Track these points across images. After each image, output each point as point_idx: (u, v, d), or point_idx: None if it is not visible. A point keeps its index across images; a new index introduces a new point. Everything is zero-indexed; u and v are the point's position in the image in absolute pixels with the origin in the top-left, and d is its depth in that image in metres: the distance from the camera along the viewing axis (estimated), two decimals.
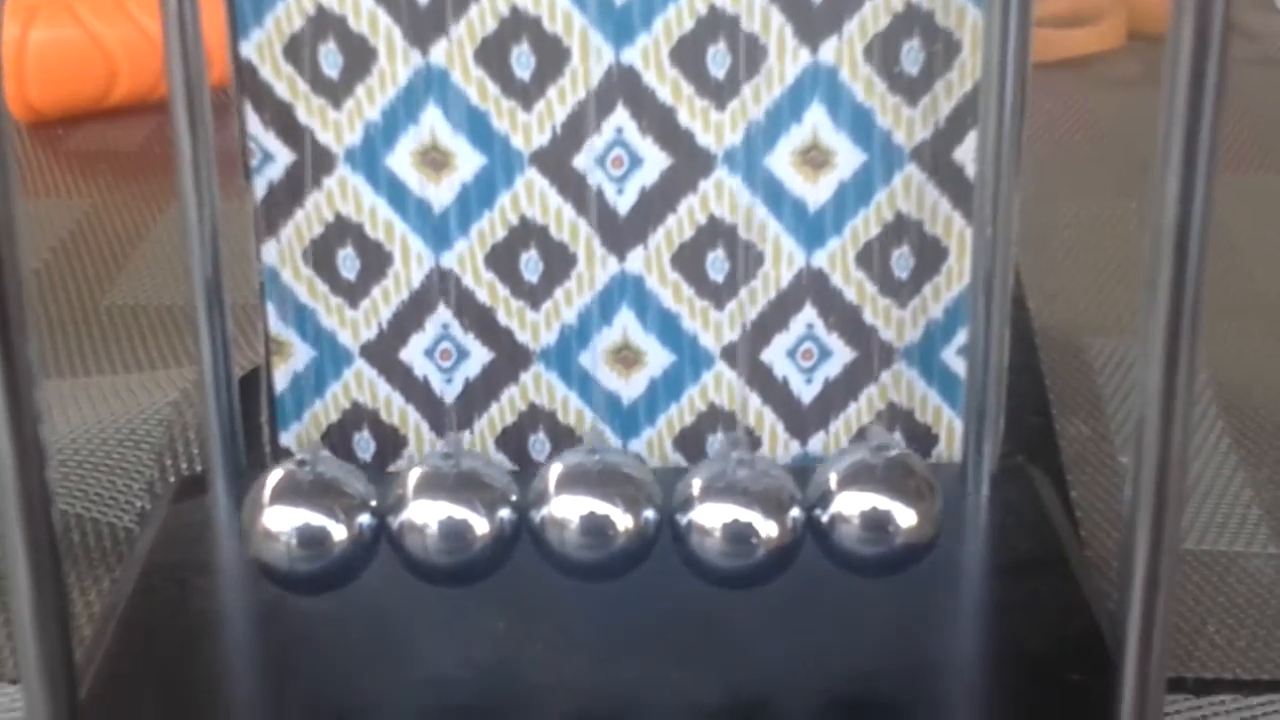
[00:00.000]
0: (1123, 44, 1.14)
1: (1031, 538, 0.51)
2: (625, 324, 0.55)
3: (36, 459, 0.37)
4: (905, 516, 0.44)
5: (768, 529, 0.44)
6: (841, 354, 0.55)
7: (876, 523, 0.44)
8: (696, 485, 0.45)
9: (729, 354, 0.55)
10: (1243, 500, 0.60)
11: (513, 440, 0.56)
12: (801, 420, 0.56)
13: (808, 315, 0.55)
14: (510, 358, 0.55)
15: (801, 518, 0.45)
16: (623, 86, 0.52)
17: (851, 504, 0.45)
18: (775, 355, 0.55)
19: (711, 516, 0.44)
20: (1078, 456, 0.63)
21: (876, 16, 0.52)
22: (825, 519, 0.45)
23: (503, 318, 0.55)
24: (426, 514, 0.45)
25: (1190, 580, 0.55)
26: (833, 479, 0.45)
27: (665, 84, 0.52)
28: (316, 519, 0.44)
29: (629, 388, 0.56)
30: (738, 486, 0.44)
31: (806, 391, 0.55)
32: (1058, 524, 0.52)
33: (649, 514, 0.45)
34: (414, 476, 0.45)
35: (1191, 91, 0.34)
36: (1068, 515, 0.55)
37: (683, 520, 0.45)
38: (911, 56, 0.52)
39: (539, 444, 0.56)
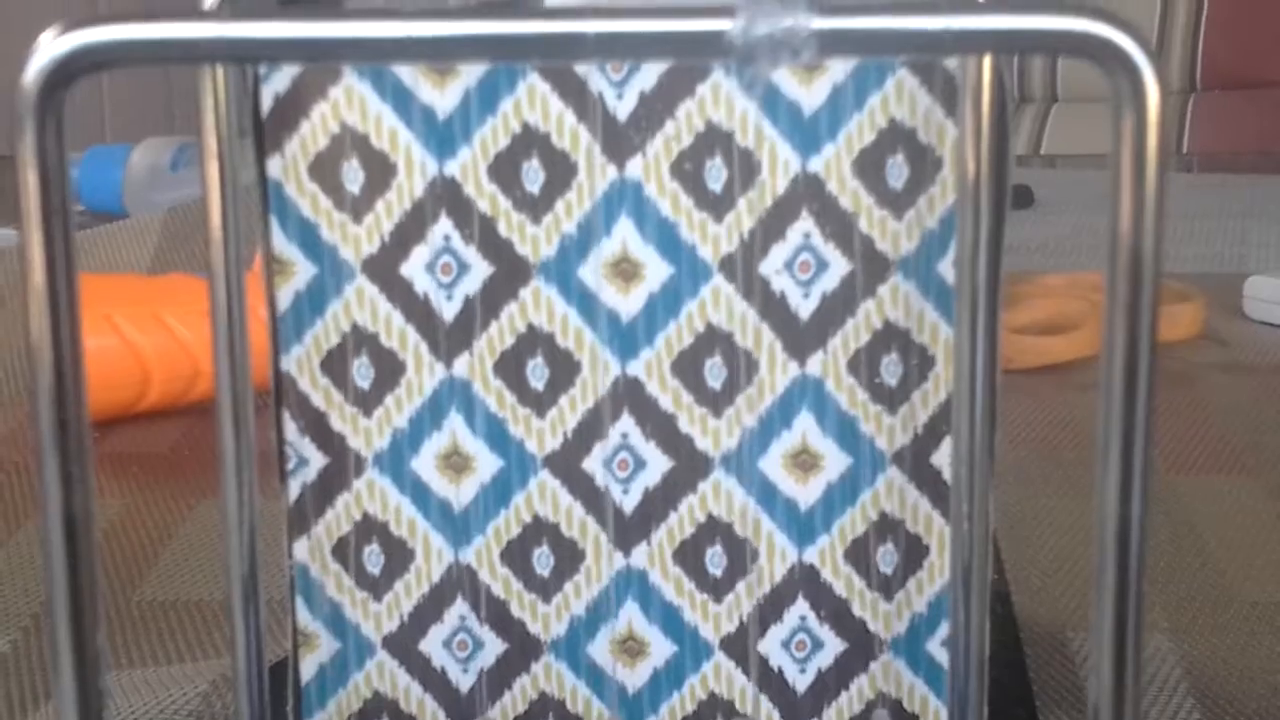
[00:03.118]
0: (1099, 350, 1.20)
1: None
2: (630, 616, 0.59)
3: None
4: None
5: None
6: (833, 645, 0.59)
7: None
8: None
9: (727, 644, 0.59)
10: None
11: None
12: (796, 709, 0.59)
13: (800, 608, 0.58)
14: (522, 648, 0.59)
15: None
16: (628, 396, 0.58)
17: None
18: (770, 646, 0.59)
19: None
20: None
21: (858, 333, 0.57)
22: None
23: (516, 610, 0.59)
24: None
25: None
26: None
27: (667, 393, 0.57)
28: None
29: (634, 677, 0.59)
30: None
31: (800, 681, 0.59)
32: None
33: None
34: None
35: (1125, 404, 0.39)
36: None
37: None
38: (890, 369, 0.57)
39: None
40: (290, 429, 0.58)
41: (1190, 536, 0.85)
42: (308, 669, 0.59)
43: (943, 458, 0.58)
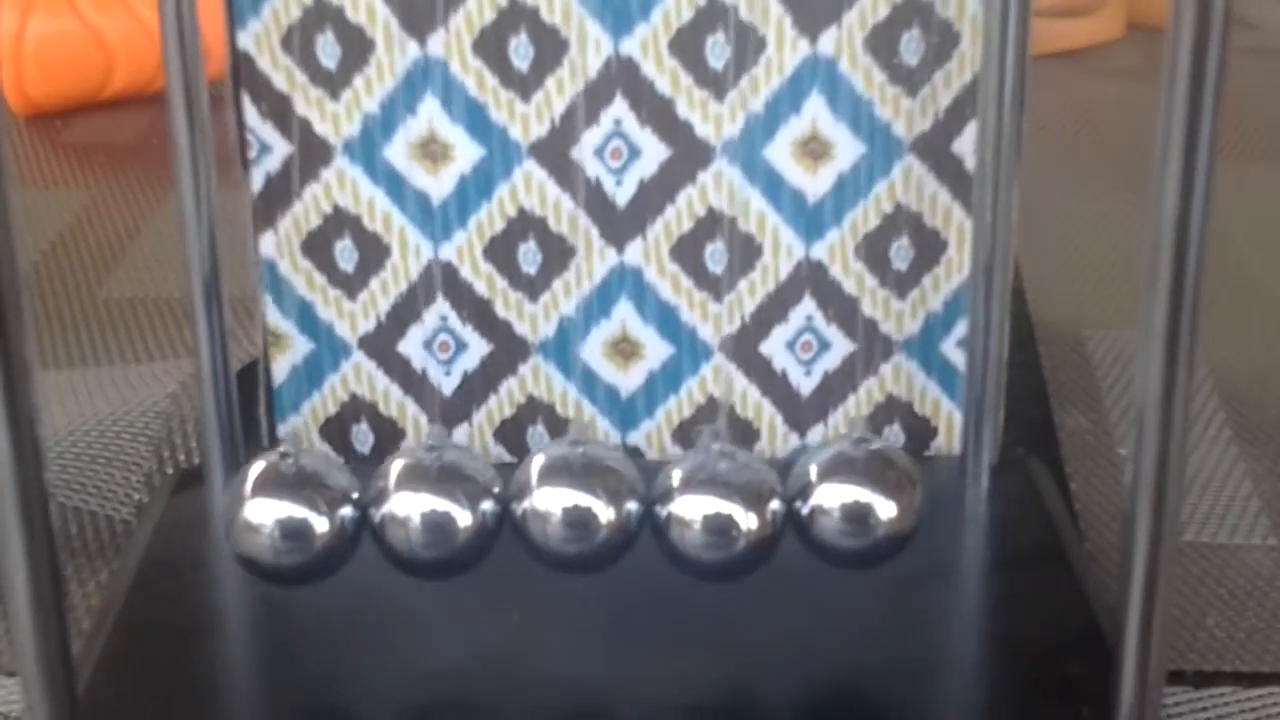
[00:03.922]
0: (1121, 34, 1.14)
1: (1031, 531, 0.51)
2: (624, 316, 0.55)
3: (33, 454, 0.37)
4: (885, 508, 0.44)
5: (748, 521, 0.44)
6: (840, 346, 0.55)
7: (856, 515, 0.44)
8: (677, 477, 0.45)
9: (727, 345, 0.55)
10: (1243, 492, 0.59)
11: (511, 433, 0.56)
12: (800, 413, 0.56)
13: (806, 307, 0.54)
14: (509, 350, 0.55)
15: (782, 510, 0.45)
16: (621, 77, 0.52)
17: (831, 496, 0.44)
18: (774, 347, 0.55)
19: (692, 508, 0.44)
20: (1077, 449, 0.63)
21: (876, 7, 0.52)
22: (805, 511, 0.45)
23: (501, 310, 0.55)
24: (409, 506, 0.44)
25: (1190, 573, 0.55)
26: (813, 471, 0.45)
27: (664, 75, 0.52)
28: (298, 511, 0.44)
29: (628, 380, 0.55)
30: (719, 479, 0.44)
31: (805, 384, 0.55)
32: (1057, 517, 0.52)
33: (631, 506, 0.45)
34: (396, 468, 0.45)
35: (1192, 84, 0.34)
36: (1067, 508, 0.55)
37: (663, 512, 0.45)
38: (911, 47, 0.52)
39: (538, 436, 0.56)
40: (250, 113, 0.53)
41: (1215, 228, 0.81)
42: (279, 370, 0.55)
43: (965, 145, 0.53)
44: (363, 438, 0.56)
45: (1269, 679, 0.49)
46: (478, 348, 0.55)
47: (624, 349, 0.55)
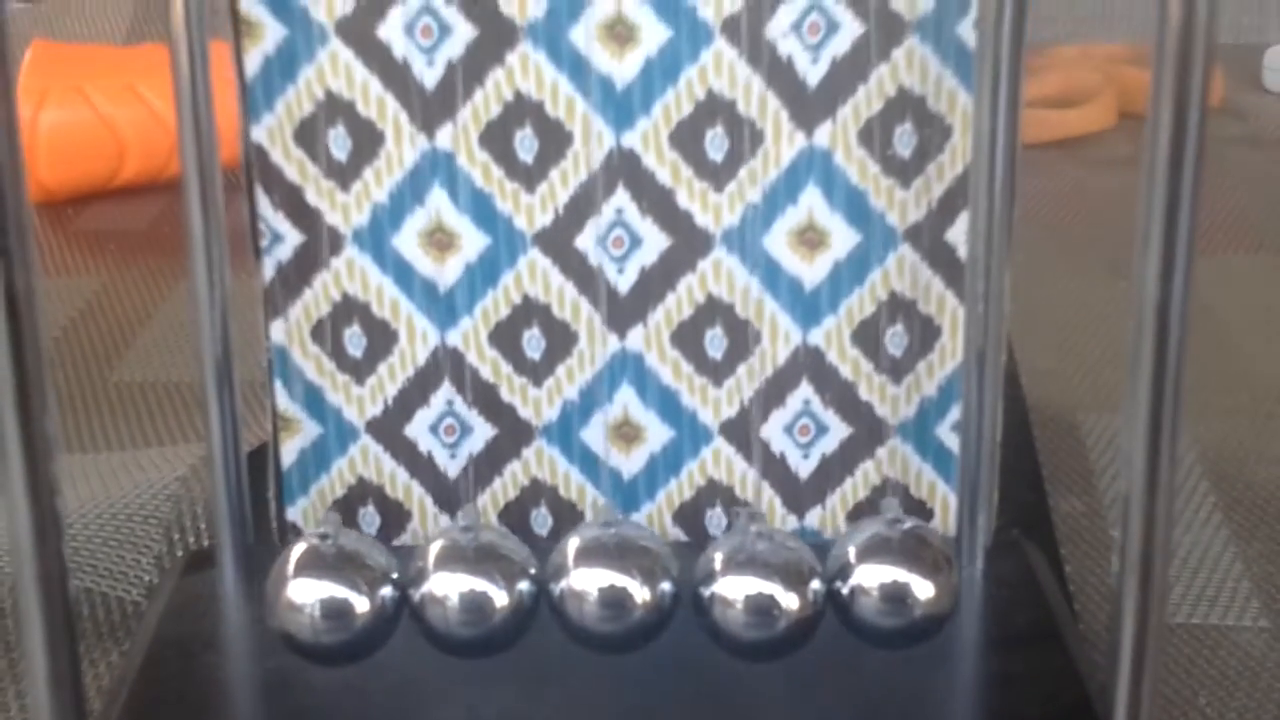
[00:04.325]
0: (1114, 124, 1.16)
1: (1026, 611, 0.52)
2: (625, 400, 0.56)
3: (54, 531, 0.38)
4: (923, 589, 0.46)
5: (789, 601, 0.45)
6: (838, 430, 0.56)
7: (896, 595, 0.46)
8: (719, 558, 0.46)
9: (727, 429, 0.56)
10: (1234, 574, 0.60)
11: (515, 515, 0.57)
12: (799, 495, 0.57)
13: (804, 392, 0.56)
14: (513, 433, 0.56)
15: (822, 590, 0.46)
16: (623, 169, 0.54)
17: (871, 576, 0.46)
18: (773, 431, 0.56)
19: (735, 589, 0.45)
20: (1071, 531, 0.64)
21: (870, 101, 0.53)
22: (846, 591, 0.46)
23: (506, 394, 0.56)
24: (447, 586, 0.46)
25: (1182, 653, 0.56)
26: (851, 552, 0.46)
27: (665, 166, 0.54)
28: (340, 591, 0.46)
29: (629, 463, 0.57)
30: (759, 559, 0.45)
31: (804, 466, 0.56)
32: (1051, 597, 0.53)
33: (666, 586, 0.46)
34: (435, 549, 0.46)
35: (1170, 173, 0.35)
36: (1061, 589, 0.56)
37: (705, 593, 0.46)
38: (904, 140, 0.54)
39: (541, 518, 0.57)
40: (263, 203, 0.54)
41: (1206, 316, 0.82)
42: (288, 454, 0.57)
43: (958, 234, 0.54)
44: (369, 520, 0.57)
45: None
46: (482, 431, 0.56)
47: (626, 433, 0.56)
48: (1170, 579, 0.58)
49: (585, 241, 0.54)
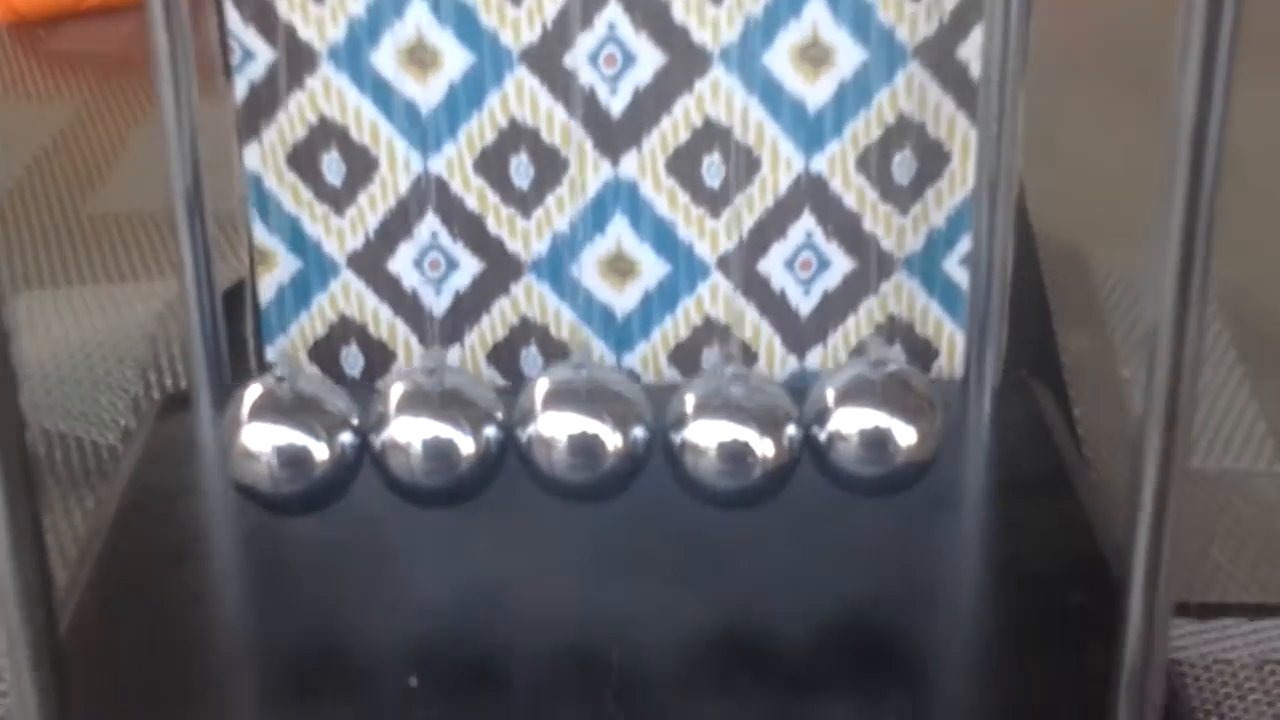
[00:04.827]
0: None
1: (1035, 457, 0.50)
2: (619, 233, 0.53)
3: (8, 382, 0.36)
4: (905, 434, 0.43)
5: (764, 447, 0.43)
6: (840, 264, 0.53)
7: (875, 440, 0.43)
8: (690, 402, 0.43)
9: (725, 264, 0.53)
10: (1249, 415, 0.58)
11: (504, 355, 0.55)
12: (799, 334, 0.54)
13: (806, 223, 0.53)
14: (500, 268, 0.54)
15: (799, 436, 0.43)
16: None
17: (850, 421, 0.43)
18: (773, 266, 0.53)
19: (707, 434, 0.43)
20: (1080, 371, 0.61)
21: None
22: (823, 437, 0.44)
23: (493, 226, 0.53)
24: (410, 432, 0.43)
25: (1195, 500, 0.53)
26: (830, 395, 0.44)
27: None
28: (297, 438, 0.43)
29: (622, 300, 0.54)
30: (733, 403, 0.43)
31: (804, 304, 0.54)
32: (1061, 443, 0.51)
33: (639, 432, 0.43)
34: (396, 393, 0.44)
35: None
36: (1070, 432, 0.54)
37: (676, 439, 0.43)
38: None
39: (531, 359, 0.55)
40: (233, 17, 0.51)
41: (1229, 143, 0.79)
42: (266, 289, 0.54)
43: (970, 50, 0.51)
44: (352, 360, 0.55)
45: (1276, 611, 0.48)
46: (469, 266, 0.54)
47: (619, 267, 0.54)
48: None
49: (575, 59, 0.51)
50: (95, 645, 0.43)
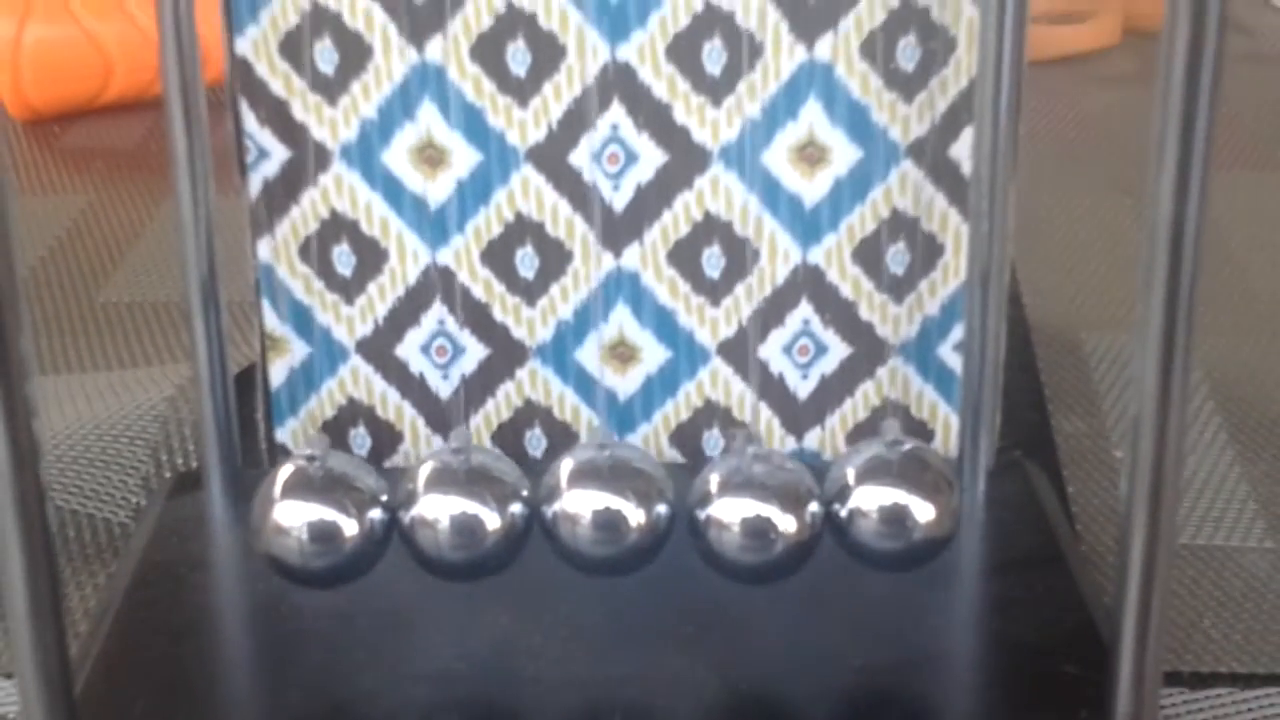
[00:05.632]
0: (1118, 41, 1.14)
1: (1028, 533, 0.51)
2: (621, 320, 0.55)
3: (31, 455, 0.37)
4: (923, 511, 0.45)
5: (786, 524, 0.44)
6: (838, 349, 0.55)
7: (896, 517, 0.45)
8: (715, 480, 0.45)
9: (725, 350, 0.55)
10: (1239, 495, 0.60)
11: (509, 436, 0.56)
12: (798, 416, 0.56)
13: (804, 311, 0.55)
14: (506, 354, 0.55)
15: (820, 512, 0.45)
16: (618, 83, 0.52)
17: (870, 499, 0.45)
18: (771, 351, 0.55)
19: (731, 511, 0.44)
20: (1074, 452, 0.63)
21: (872, 12, 0.52)
22: (844, 514, 0.45)
23: (499, 314, 0.55)
24: (438, 509, 0.45)
25: (1186, 574, 0.55)
26: (850, 473, 0.45)
27: (661, 80, 0.52)
28: (329, 514, 0.45)
29: (625, 383, 0.56)
30: (756, 481, 0.44)
31: (803, 387, 0.55)
32: (1054, 519, 0.52)
33: (661, 509, 0.45)
34: (425, 470, 0.45)
35: (1187, 87, 0.34)
36: (1064, 510, 0.55)
37: (701, 515, 0.45)
38: (907, 53, 0.52)
39: (535, 440, 0.56)
40: (248, 119, 0.53)
41: (1212, 234, 0.81)
42: (277, 374, 0.56)
43: (962, 149, 0.53)
44: (360, 441, 0.56)
45: (1265, 680, 0.49)
46: (475, 351, 0.55)
47: (621, 353, 0.55)
48: None
49: (579, 158, 0.53)
50: (106, 717, 0.44)
